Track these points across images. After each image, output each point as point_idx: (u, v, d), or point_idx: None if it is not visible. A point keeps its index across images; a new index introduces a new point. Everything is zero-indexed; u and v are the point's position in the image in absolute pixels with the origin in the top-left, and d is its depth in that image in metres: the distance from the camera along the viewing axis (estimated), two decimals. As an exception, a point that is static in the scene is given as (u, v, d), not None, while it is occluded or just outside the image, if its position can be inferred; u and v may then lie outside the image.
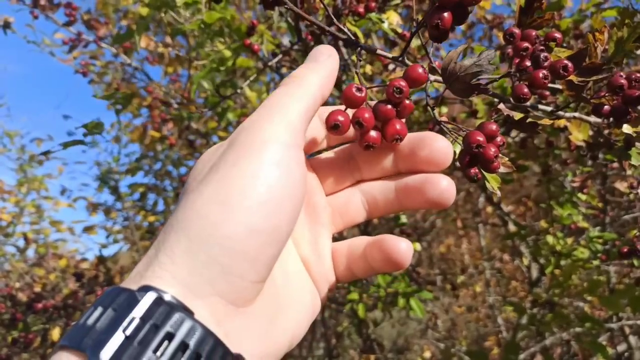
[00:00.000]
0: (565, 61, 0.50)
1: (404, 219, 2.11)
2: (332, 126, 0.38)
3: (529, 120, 0.48)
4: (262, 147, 0.31)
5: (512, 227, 2.49)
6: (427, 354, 2.62)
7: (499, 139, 0.42)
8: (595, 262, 1.72)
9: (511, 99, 0.49)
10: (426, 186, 0.38)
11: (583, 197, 1.78)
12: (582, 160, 1.67)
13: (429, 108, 0.45)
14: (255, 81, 2.59)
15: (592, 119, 0.74)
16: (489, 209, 2.58)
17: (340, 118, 0.38)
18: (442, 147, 0.38)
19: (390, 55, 0.50)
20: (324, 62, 0.38)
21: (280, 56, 1.08)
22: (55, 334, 1.74)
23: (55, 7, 1.82)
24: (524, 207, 2.93)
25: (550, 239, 1.91)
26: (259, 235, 0.30)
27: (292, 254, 0.39)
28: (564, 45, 1.21)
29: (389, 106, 0.39)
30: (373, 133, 0.38)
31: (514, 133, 1.83)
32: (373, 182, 0.42)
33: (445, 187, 0.38)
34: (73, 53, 2.46)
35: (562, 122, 1.62)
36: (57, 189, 3.95)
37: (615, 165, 1.72)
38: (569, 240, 1.92)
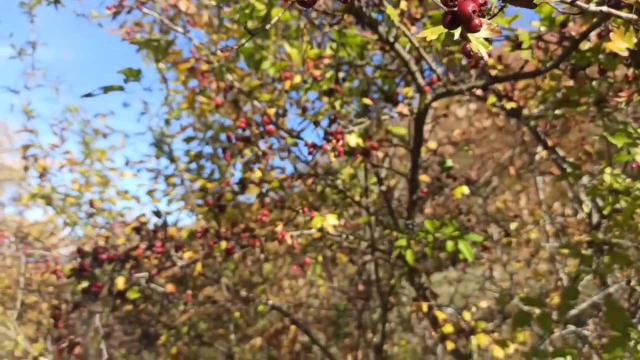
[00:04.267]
0: None
1: (449, 162, 2.06)
2: None
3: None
4: None
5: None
6: (484, 304, 2.60)
7: None
8: (657, 198, 1.62)
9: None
10: None
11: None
12: (639, 85, 1.56)
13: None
14: (295, 38, 2.59)
15: (624, 14, 0.69)
16: (544, 153, 2.46)
17: None
18: None
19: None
20: None
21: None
22: (120, 283, 1.88)
23: (99, -26, 1.89)
24: (583, 153, 2.78)
25: (607, 177, 1.81)
26: None
27: None
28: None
29: None
30: None
31: (563, 65, 1.74)
32: None
33: None
34: (125, 28, 2.56)
35: (609, 46, 1.52)
36: (122, 161, 4.18)
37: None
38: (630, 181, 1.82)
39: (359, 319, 3.78)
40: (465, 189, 2.08)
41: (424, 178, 2.46)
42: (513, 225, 2.99)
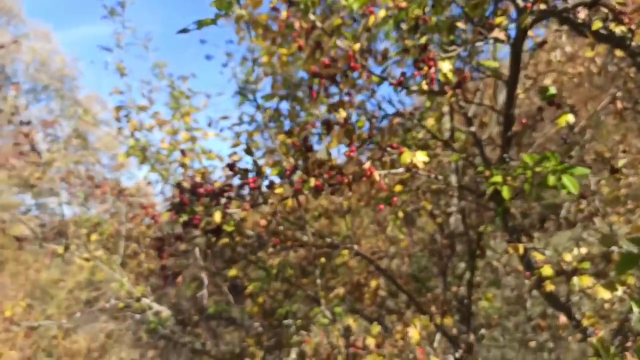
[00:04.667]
0: None
1: (552, 90, 1.92)
2: None
3: None
4: None
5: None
6: (584, 250, 2.44)
7: None
8: None
9: None
10: None
11: None
12: None
13: None
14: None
15: None
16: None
17: None
18: None
19: None
20: None
21: None
22: (217, 217, 1.95)
23: None
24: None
25: None
26: None
27: None
28: None
29: None
30: None
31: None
32: None
33: None
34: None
35: None
36: (205, 121, 4.36)
37: None
38: None
39: (444, 272, 3.71)
40: (570, 117, 1.92)
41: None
42: (621, 162, 2.74)
